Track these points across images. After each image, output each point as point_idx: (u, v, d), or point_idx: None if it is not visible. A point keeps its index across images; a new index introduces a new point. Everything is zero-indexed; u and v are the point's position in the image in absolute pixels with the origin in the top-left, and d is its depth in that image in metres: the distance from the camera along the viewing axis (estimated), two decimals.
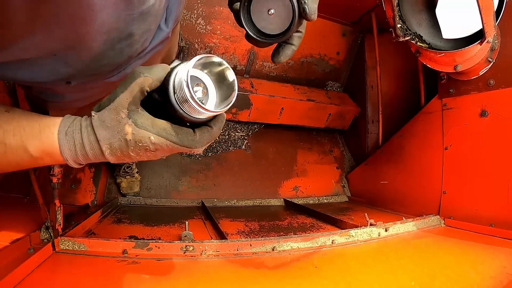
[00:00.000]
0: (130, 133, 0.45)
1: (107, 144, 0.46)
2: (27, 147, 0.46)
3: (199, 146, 0.47)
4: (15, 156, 0.47)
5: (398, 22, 1.13)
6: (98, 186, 1.50)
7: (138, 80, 0.44)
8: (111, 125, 0.45)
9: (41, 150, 0.47)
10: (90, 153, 0.47)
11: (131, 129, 0.45)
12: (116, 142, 0.46)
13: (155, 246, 0.85)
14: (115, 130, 0.45)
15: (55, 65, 0.52)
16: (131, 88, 0.44)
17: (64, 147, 0.47)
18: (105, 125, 0.45)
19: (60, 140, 0.47)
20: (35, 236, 0.82)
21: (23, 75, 0.52)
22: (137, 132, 0.45)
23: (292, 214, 1.56)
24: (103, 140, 0.46)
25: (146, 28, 0.57)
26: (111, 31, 0.50)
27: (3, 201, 1.12)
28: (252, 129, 2.08)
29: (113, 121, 0.45)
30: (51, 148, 0.47)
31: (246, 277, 0.76)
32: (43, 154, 0.48)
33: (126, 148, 0.46)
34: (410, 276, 0.78)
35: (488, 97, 1.19)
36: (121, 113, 0.44)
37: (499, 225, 1.08)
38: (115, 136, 0.45)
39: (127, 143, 0.45)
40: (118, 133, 0.45)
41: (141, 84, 0.44)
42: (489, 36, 0.98)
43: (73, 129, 0.47)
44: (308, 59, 2.09)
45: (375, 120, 1.97)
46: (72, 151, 0.47)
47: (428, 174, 1.42)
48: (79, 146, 0.47)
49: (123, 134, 0.45)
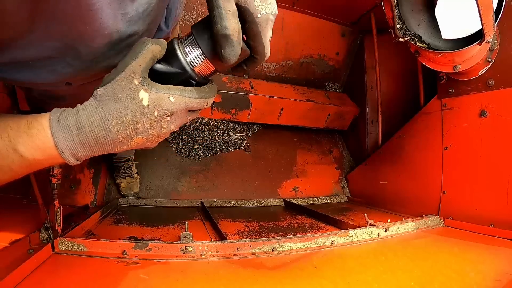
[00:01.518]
0: (147, 98, 0.42)
1: (118, 119, 0.42)
2: (16, 146, 0.42)
3: (212, 96, 0.48)
4: (5, 159, 0.42)
5: (397, 23, 1.13)
6: (98, 186, 1.50)
7: (151, 47, 0.42)
8: (123, 95, 0.41)
9: (32, 147, 0.42)
10: (91, 137, 0.42)
11: (147, 94, 0.42)
12: (129, 113, 0.42)
13: (155, 246, 0.85)
14: (127, 99, 0.41)
15: (55, 66, 0.51)
16: (144, 55, 0.42)
17: (58, 136, 0.42)
18: (115, 97, 0.41)
19: (52, 128, 0.41)
20: (34, 237, 0.82)
21: (23, 77, 0.52)
22: (155, 96, 0.42)
23: (291, 215, 1.56)
24: (112, 115, 0.41)
25: (145, 28, 0.57)
26: (111, 31, 0.50)
27: (3, 201, 1.12)
28: (252, 129, 2.08)
29: (125, 90, 0.41)
30: (44, 142, 0.42)
31: (245, 277, 0.76)
32: (36, 152, 0.43)
33: (142, 117, 0.42)
34: (410, 276, 0.78)
35: (488, 97, 1.19)
36: (135, 80, 0.41)
37: (499, 225, 1.08)
38: (128, 107, 0.42)
39: (143, 110, 0.42)
40: (132, 102, 0.41)
41: (154, 51, 0.43)
42: (488, 36, 0.99)
43: (67, 114, 0.42)
44: (307, 60, 2.09)
45: (374, 121, 1.97)
46: (68, 139, 0.42)
47: (427, 174, 1.42)
48: (76, 131, 0.42)
49: (137, 101, 0.41)
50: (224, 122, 1.97)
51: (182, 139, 1.87)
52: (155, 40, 0.44)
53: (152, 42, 0.43)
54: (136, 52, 0.42)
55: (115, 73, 0.42)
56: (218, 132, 1.96)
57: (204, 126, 1.93)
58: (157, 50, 0.43)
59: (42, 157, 0.43)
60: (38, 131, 0.42)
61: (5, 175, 0.45)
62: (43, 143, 0.42)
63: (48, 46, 0.46)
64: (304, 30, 1.98)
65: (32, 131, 0.42)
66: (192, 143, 1.88)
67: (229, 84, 1.83)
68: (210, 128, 1.95)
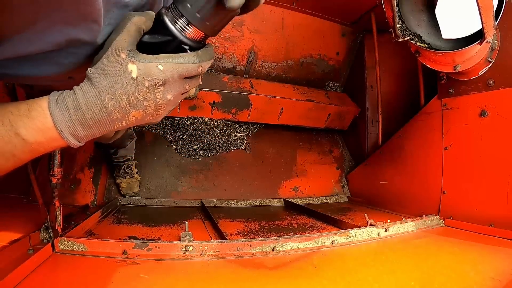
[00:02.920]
0: (135, 70, 0.42)
1: (110, 94, 0.43)
2: (18, 129, 0.42)
3: (205, 60, 0.46)
4: (7, 145, 0.43)
5: (397, 22, 1.13)
6: (98, 186, 1.50)
7: (133, 19, 0.43)
8: (112, 70, 0.42)
9: (33, 129, 0.43)
10: (88, 115, 0.43)
11: (135, 66, 0.42)
12: (120, 87, 0.43)
13: (155, 246, 0.85)
14: (117, 74, 0.42)
15: (58, 58, 0.51)
16: (128, 28, 0.43)
17: (57, 116, 0.43)
18: (104, 73, 0.43)
19: (51, 109, 0.43)
20: (34, 237, 0.82)
21: (25, 71, 0.52)
22: (143, 67, 0.42)
23: (291, 214, 1.56)
24: (104, 90, 0.42)
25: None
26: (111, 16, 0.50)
27: (3, 201, 1.12)
28: (252, 129, 2.08)
29: (113, 65, 0.42)
30: (44, 123, 0.43)
31: (245, 277, 0.76)
32: (37, 134, 0.43)
33: (133, 90, 0.43)
34: (410, 276, 0.78)
35: (488, 97, 1.19)
36: (121, 54, 0.42)
37: (499, 225, 1.08)
38: (118, 81, 0.42)
39: (133, 82, 0.43)
40: (121, 76, 0.42)
41: (137, 23, 0.43)
42: (489, 36, 0.99)
43: (65, 95, 0.44)
44: (307, 59, 2.09)
45: (374, 120, 1.97)
46: (66, 118, 0.43)
47: (427, 174, 1.42)
48: (74, 110, 0.43)
49: (127, 74, 0.42)
50: (224, 121, 1.98)
51: (182, 138, 1.87)
52: (140, 13, 0.44)
53: (136, 15, 0.44)
54: (120, 27, 0.43)
55: (103, 51, 0.43)
56: (218, 132, 1.96)
57: (204, 126, 1.93)
58: (141, 21, 0.44)
59: (43, 139, 0.44)
60: (38, 112, 0.43)
61: (8, 162, 0.45)
62: (43, 124, 0.43)
63: (51, 36, 0.46)
64: (304, 30, 1.98)
65: (32, 113, 0.43)
66: (192, 143, 1.88)
67: (229, 84, 1.83)
68: (210, 127, 1.95)
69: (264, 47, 1.95)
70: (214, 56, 0.50)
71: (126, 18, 0.44)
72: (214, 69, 1.91)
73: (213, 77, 1.83)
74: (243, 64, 1.96)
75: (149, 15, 0.45)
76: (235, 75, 1.96)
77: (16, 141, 0.43)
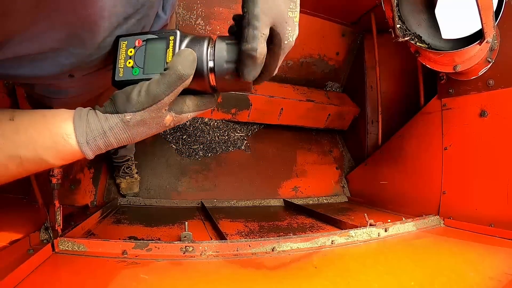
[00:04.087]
0: (171, 121, 0.48)
1: (143, 136, 0.49)
2: (44, 157, 0.46)
3: (216, 103, 0.53)
4: (33, 165, 0.46)
5: (397, 23, 1.13)
6: (98, 186, 1.50)
7: (184, 82, 0.45)
8: (151, 122, 0.47)
9: (60, 158, 0.47)
10: (115, 145, 0.48)
11: (172, 118, 0.48)
12: (153, 131, 0.49)
13: (155, 246, 0.85)
14: (154, 123, 0.47)
15: (58, 58, 0.51)
16: (175, 91, 0.45)
17: (88, 153, 0.47)
18: (143, 123, 0.47)
19: (84, 151, 0.47)
20: (34, 237, 0.82)
21: (26, 71, 0.52)
22: (177, 118, 0.49)
23: (291, 215, 1.56)
24: (139, 135, 0.48)
25: (144, 13, 0.58)
26: (110, 15, 0.50)
27: (3, 201, 1.11)
28: (252, 129, 2.08)
29: (154, 119, 0.47)
30: (72, 155, 0.47)
31: (245, 277, 0.76)
32: (63, 161, 0.48)
33: (162, 130, 0.50)
34: (410, 276, 0.78)
35: (488, 97, 1.19)
36: (163, 110, 0.46)
37: (499, 225, 1.08)
38: (153, 128, 0.48)
39: (165, 127, 0.49)
40: (157, 125, 0.48)
41: (185, 85, 0.46)
42: (489, 36, 0.99)
43: (94, 137, 0.46)
44: (307, 60, 2.09)
45: (374, 121, 1.97)
46: (96, 153, 0.48)
47: (427, 174, 1.42)
48: (105, 147, 0.48)
49: (162, 124, 0.48)
50: (224, 122, 1.97)
51: (182, 139, 1.87)
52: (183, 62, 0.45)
53: (184, 70, 0.45)
54: (169, 84, 0.44)
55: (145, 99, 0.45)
56: (218, 132, 1.96)
57: (204, 126, 1.93)
58: (188, 81, 0.46)
59: (67, 163, 0.49)
60: (67, 149, 0.46)
61: (30, 173, 0.49)
62: (72, 156, 0.48)
63: (51, 37, 0.46)
64: (304, 30, 1.96)
65: (59, 147, 0.46)
66: (192, 143, 1.88)
67: None
68: (210, 128, 1.94)
69: None
70: None
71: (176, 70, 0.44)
72: None
73: None
74: None
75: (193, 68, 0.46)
76: None
77: (42, 163, 0.47)
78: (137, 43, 0.50)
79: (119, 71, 0.49)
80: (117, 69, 0.50)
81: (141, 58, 0.49)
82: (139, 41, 0.50)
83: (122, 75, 0.49)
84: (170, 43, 0.48)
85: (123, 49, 0.50)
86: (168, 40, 0.48)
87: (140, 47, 0.50)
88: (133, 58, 0.49)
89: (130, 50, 0.50)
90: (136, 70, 0.49)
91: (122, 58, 0.50)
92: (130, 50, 0.50)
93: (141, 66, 0.49)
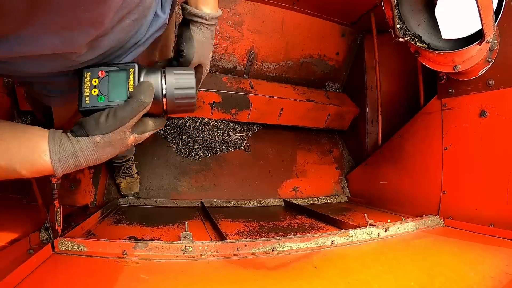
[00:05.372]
0: (133, 140, 0.56)
1: (108, 156, 0.55)
2: (17, 169, 0.49)
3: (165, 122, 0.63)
4: (6, 174, 0.50)
5: (397, 23, 1.13)
6: (98, 187, 1.50)
7: (144, 110, 0.54)
8: (117, 143, 0.54)
9: (32, 171, 0.51)
10: (84, 165, 0.53)
11: (134, 138, 0.56)
12: (118, 151, 0.55)
13: (155, 246, 0.85)
14: (120, 144, 0.54)
15: (53, 58, 0.52)
16: (138, 116, 0.54)
17: (58, 170, 0.51)
18: (110, 145, 0.53)
19: (55, 168, 0.51)
20: (34, 237, 0.81)
21: (25, 68, 0.53)
22: (139, 137, 0.57)
23: (291, 215, 1.56)
24: (105, 155, 0.54)
25: (140, 13, 0.58)
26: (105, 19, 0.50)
27: (2, 201, 1.11)
28: (252, 129, 2.08)
29: (119, 140, 0.54)
30: (44, 171, 0.52)
31: (245, 277, 0.76)
32: (34, 174, 0.52)
33: (125, 149, 0.57)
34: (410, 276, 0.78)
35: (488, 97, 1.19)
36: (126, 132, 0.54)
37: (499, 225, 1.08)
38: (118, 148, 0.55)
39: (128, 147, 0.57)
40: (122, 145, 0.55)
41: (146, 110, 0.54)
42: (488, 36, 0.99)
43: (66, 156, 0.51)
44: (307, 60, 2.09)
45: (374, 121, 1.97)
46: (66, 171, 0.52)
47: (427, 174, 1.42)
48: (74, 166, 0.53)
49: (125, 145, 0.55)
50: (224, 122, 1.97)
51: (182, 139, 1.87)
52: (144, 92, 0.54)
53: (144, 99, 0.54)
54: (135, 111, 0.53)
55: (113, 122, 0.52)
56: (218, 132, 1.96)
57: (204, 126, 1.93)
58: (147, 108, 0.55)
59: (38, 176, 0.53)
60: (41, 164, 0.51)
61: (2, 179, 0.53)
62: (43, 171, 0.52)
63: (47, 38, 0.46)
64: (304, 30, 1.98)
65: (34, 162, 0.50)
66: (192, 143, 1.88)
67: (229, 84, 1.83)
68: (210, 128, 1.94)
69: (264, 47, 1.95)
70: None
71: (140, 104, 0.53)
72: (214, 69, 1.91)
73: (213, 78, 1.83)
74: (242, 64, 1.96)
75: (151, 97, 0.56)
76: (235, 75, 1.96)
77: (15, 174, 0.50)
78: (100, 74, 0.56)
79: (85, 99, 0.55)
80: (83, 97, 0.55)
81: (105, 87, 0.55)
82: (102, 72, 0.56)
83: (88, 102, 0.55)
84: (130, 74, 0.56)
85: (87, 79, 0.56)
86: (128, 72, 0.56)
87: (104, 77, 0.56)
88: (98, 87, 0.55)
89: (94, 80, 0.56)
90: (102, 98, 0.55)
91: (87, 87, 0.55)
92: (94, 80, 0.56)
93: (105, 94, 0.55)
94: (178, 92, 0.57)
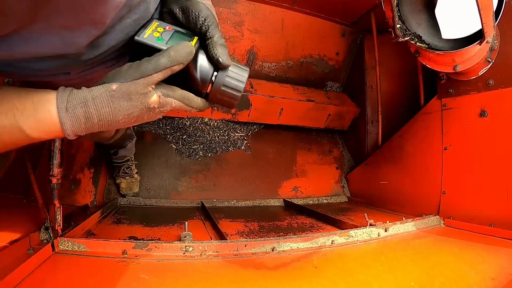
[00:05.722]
0: (156, 102, 0.48)
1: (126, 114, 0.47)
2: (22, 127, 0.44)
3: (204, 109, 0.55)
4: (10, 136, 0.45)
5: (397, 23, 1.13)
6: (98, 186, 1.50)
7: (173, 67, 0.47)
8: (136, 97, 0.47)
9: (38, 129, 0.45)
10: (97, 125, 0.47)
11: (157, 99, 0.48)
12: (137, 111, 0.48)
13: (155, 246, 0.85)
14: (139, 101, 0.47)
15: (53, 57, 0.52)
16: (166, 71, 0.47)
17: (66, 125, 0.45)
18: (128, 97, 0.46)
19: (61, 118, 0.45)
20: (34, 237, 0.82)
21: (26, 68, 0.53)
22: (163, 100, 0.49)
23: (291, 215, 1.56)
24: (122, 111, 0.47)
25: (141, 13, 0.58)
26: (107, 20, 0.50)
27: (3, 201, 1.11)
28: (252, 129, 2.08)
29: (139, 94, 0.46)
30: (50, 127, 0.45)
31: (245, 277, 0.76)
32: (41, 133, 0.46)
33: (146, 114, 0.49)
34: (410, 276, 0.78)
35: (488, 97, 1.19)
36: (149, 87, 0.47)
37: (499, 225, 1.08)
38: (138, 107, 0.47)
39: (149, 110, 0.48)
40: (142, 103, 0.47)
41: (174, 70, 0.48)
42: (489, 36, 0.99)
43: (75, 104, 0.45)
44: (307, 60, 2.09)
45: (374, 121, 1.97)
46: (75, 127, 0.46)
47: (427, 174, 1.42)
48: (84, 120, 0.46)
49: (147, 104, 0.47)
50: (224, 122, 1.98)
51: (182, 139, 1.87)
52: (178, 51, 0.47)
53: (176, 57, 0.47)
54: (161, 65, 0.46)
55: (135, 71, 0.46)
56: (218, 132, 1.96)
57: (204, 126, 1.93)
58: (178, 68, 0.48)
59: (46, 137, 0.47)
60: (45, 117, 0.45)
61: (7, 148, 0.48)
62: (49, 127, 0.45)
63: (49, 38, 0.46)
64: (304, 30, 1.98)
65: (38, 115, 0.44)
66: (192, 143, 1.88)
67: None
68: (210, 128, 1.95)
69: (264, 47, 1.95)
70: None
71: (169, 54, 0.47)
72: None
73: None
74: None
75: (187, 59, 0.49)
76: None
77: (20, 135, 0.45)
78: (168, 28, 0.55)
79: (145, 33, 0.52)
80: (143, 31, 0.53)
81: (167, 37, 0.53)
82: (170, 27, 0.55)
83: (147, 37, 0.52)
84: (193, 41, 0.53)
85: (154, 25, 0.54)
86: (192, 38, 0.54)
87: (170, 31, 0.54)
88: (161, 33, 0.53)
89: (159, 28, 0.54)
90: (161, 40, 0.52)
91: (151, 29, 0.53)
92: (159, 28, 0.54)
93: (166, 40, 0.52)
94: (229, 80, 0.55)
